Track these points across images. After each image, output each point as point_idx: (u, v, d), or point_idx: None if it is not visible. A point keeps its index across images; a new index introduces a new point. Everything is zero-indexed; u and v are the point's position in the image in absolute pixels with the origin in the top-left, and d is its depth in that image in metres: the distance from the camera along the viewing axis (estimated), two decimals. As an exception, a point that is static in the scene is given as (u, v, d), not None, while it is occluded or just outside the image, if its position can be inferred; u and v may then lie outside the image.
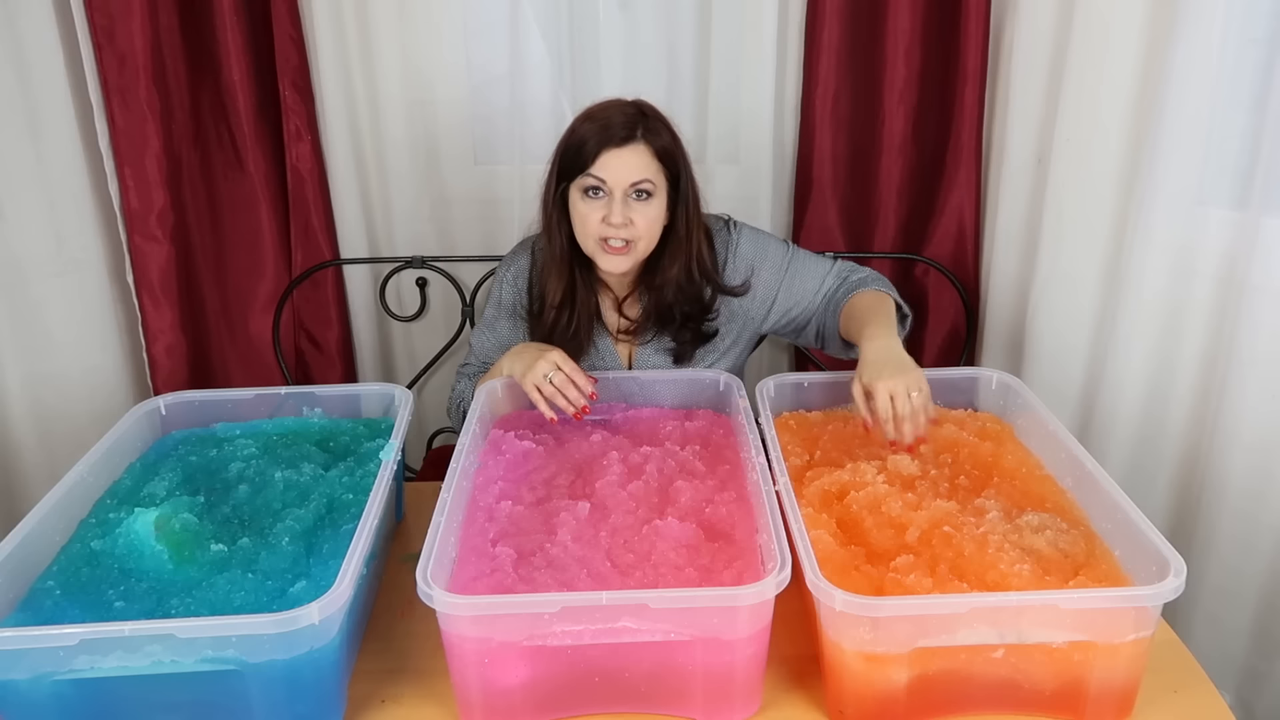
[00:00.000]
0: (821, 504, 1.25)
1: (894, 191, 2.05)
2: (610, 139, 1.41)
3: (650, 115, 1.46)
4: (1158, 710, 1.10)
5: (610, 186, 1.42)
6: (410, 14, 2.02)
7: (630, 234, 1.44)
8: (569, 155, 1.44)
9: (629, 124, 1.42)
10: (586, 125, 1.43)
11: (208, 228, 2.08)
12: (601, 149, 1.41)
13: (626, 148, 1.41)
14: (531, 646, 1.04)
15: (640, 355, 1.61)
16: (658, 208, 1.45)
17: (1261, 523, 1.62)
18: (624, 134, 1.41)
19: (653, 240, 1.48)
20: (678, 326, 1.57)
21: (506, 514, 1.24)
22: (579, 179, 1.43)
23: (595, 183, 1.42)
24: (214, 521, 1.25)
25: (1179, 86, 1.58)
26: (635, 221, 1.43)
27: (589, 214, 1.44)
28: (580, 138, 1.43)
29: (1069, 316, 1.87)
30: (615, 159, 1.41)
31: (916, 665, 1.04)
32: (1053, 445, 1.35)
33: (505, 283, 1.64)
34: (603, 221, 1.43)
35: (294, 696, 1.04)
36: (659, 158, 1.44)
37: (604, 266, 1.49)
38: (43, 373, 2.03)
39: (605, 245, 1.45)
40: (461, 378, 1.69)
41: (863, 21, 1.95)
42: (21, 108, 1.88)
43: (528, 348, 1.49)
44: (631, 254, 1.46)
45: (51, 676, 1.00)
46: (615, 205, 1.42)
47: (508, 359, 1.50)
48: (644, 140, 1.42)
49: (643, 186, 1.43)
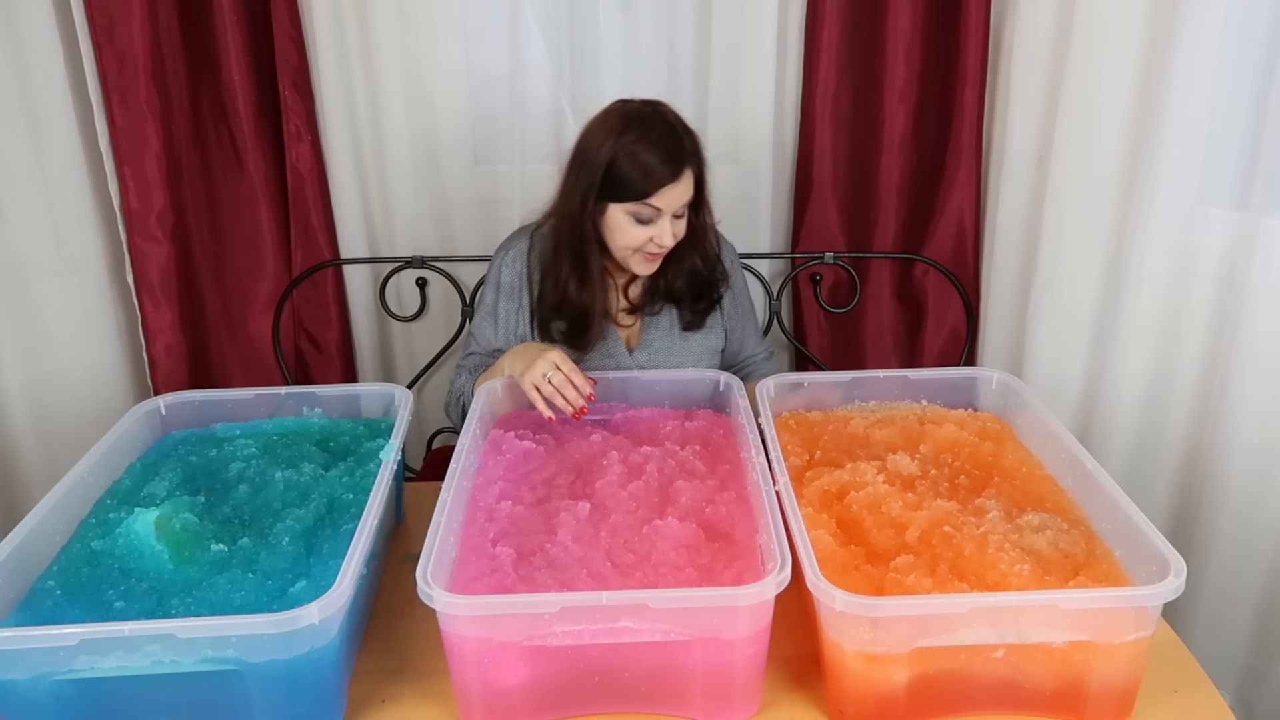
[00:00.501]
0: (821, 504, 1.25)
1: (894, 191, 2.05)
2: (667, 176, 1.45)
3: (686, 134, 1.49)
4: (1158, 710, 1.10)
5: (664, 213, 1.48)
6: (410, 14, 2.02)
7: (671, 244, 1.51)
8: (619, 181, 1.46)
9: (677, 154, 1.46)
10: (643, 155, 1.44)
11: (208, 228, 2.08)
12: (661, 185, 1.45)
13: (680, 180, 1.47)
14: (531, 646, 1.04)
15: (644, 341, 1.65)
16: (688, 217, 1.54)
17: (1261, 523, 1.62)
18: (675, 166, 1.46)
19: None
20: (691, 302, 1.65)
21: (506, 514, 1.24)
22: (631, 204, 1.47)
23: (650, 212, 1.47)
24: (214, 521, 1.25)
25: (1179, 86, 1.58)
26: (678, 234, 1.52)
27: (637, 234, 1.49)
28: (641, 168, 1.44)
29: (1069, 316, 1.87)
30: (670, 191, 1.46)
31: (916, 665, 1.04)
32: (1053, 445, 1.35)
33: (504, 265, 1.66)
34: (651, 240, 1.49)
35: (294, 696, 1.04)
36: (696, 177, 1.51)
37: (638, 271, 1.57)
38: (43, 372, 2.02)
39: (647, 256, 1.53)
40: (462, 371, 1.69)
41: (863, 21, 1.95)
42: (21, 108, 1.88)
43: (528, 347, 1.51)
44: (661, 259, 1.55)
45: (51, 676, 1.00)
46: (667, 228, 1.48)
47: (508, 359, 1.52)
48: (688, 165, 1.48)
49: (686, 204, 1.51)
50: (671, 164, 1.45)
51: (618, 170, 1.45)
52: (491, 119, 2.14)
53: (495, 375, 1.55)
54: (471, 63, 2.10)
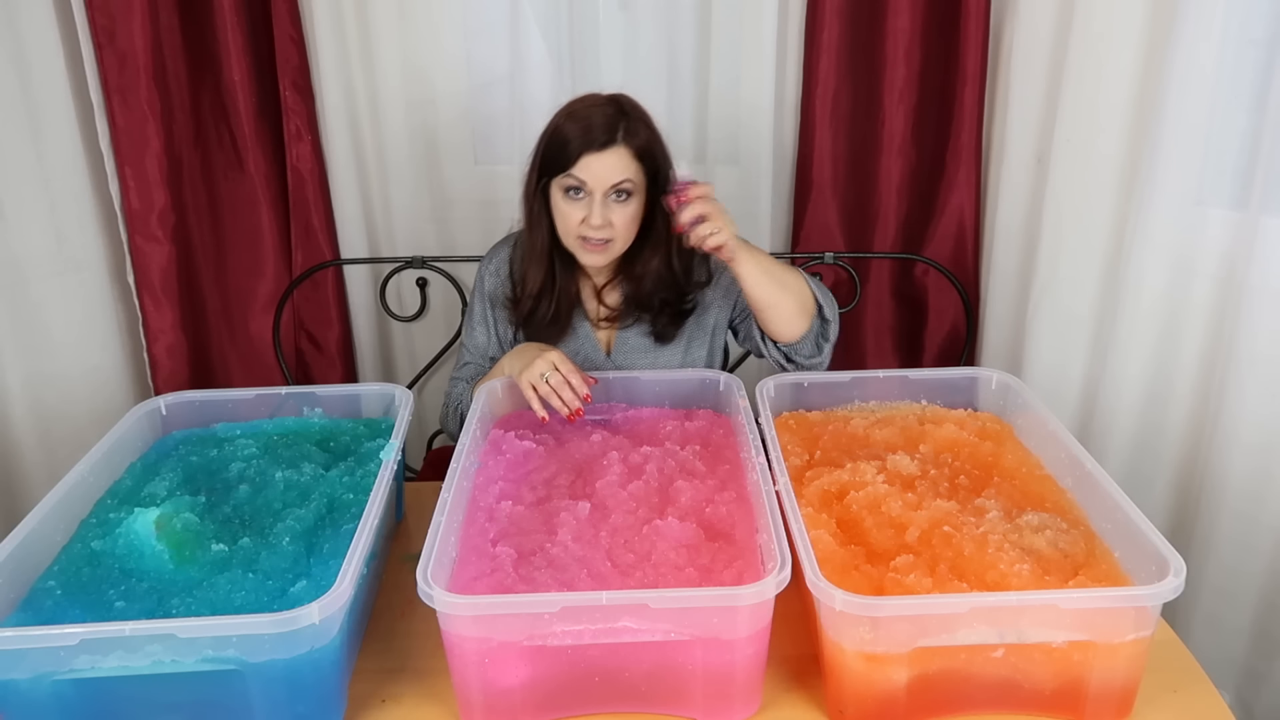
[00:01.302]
0: (821, 504, 1.25)
1: (894, 191, 2.05)
2: (591, 143, 1.42)
3: (631, 114, 1.47)
4: (1157, 710, 1.10)
5: (591, 188, 1.44)
6: (410, 14, 2.02)
7: (609, 234, 1.47)
8: (551, 153, 1.47)
9: (609, 126, 1.43)
10: (568, 125, 1.45)
11: (208, 228, 2.09)
12: (582, 152, 1.43)
13: (607, 151, 1.43)
14: (531, 646, 1.04)
15: (620, 340, 1.64)
16: (636, 206, 1.48)
17: (1261, 523, 1.62)
18: (604, 138, 1.43)
19: (630, 236, 1.51)
20: (656, 312, 1.60)
21: (506, 514, 1.24)
22: (560, 178, 1.46)
23: (576, 184, 1.45)
24: (215, 521, 1.25)
25: (1179, 87, 1.59)
26: (614, 222, 1.46)
27: (570, 213, 1.47)
28: (562, 138, 1.45)
29: (1069, 316, 1.87)
30: (596, 162, 1.43)
31: (916, 665, 1.04)
32: (1053, 445, 1.35)
33: (488, 274, 1.66)
34: (583, 222, 1.46)
35: (294, 696, 1.04)
36: (638, 158, 1.46)
37: (583, 262, 1.53)
38: (43, 373, 2.03)
39: (585, 243, 1.49)
40: (458, 382, 1.67)
41: (863, 21, 1.95)
42: (22, 108, 1.88)
43: (528, 347, 1.50)
44: (609, 251, 1.50)
45: (52, 676, 1.00)
46: (595, 207, 1.45)
47: (508, 359, 1.52)
48: (624, 142, 1.44)
49: (622, 187, 1.45)
50: (598, 134, 1.42)
51: (550, 141, 1.47)
52: (491, 119, 2.14)
53: (495, 376, 1.55)
54: (471, 63, 2.10)
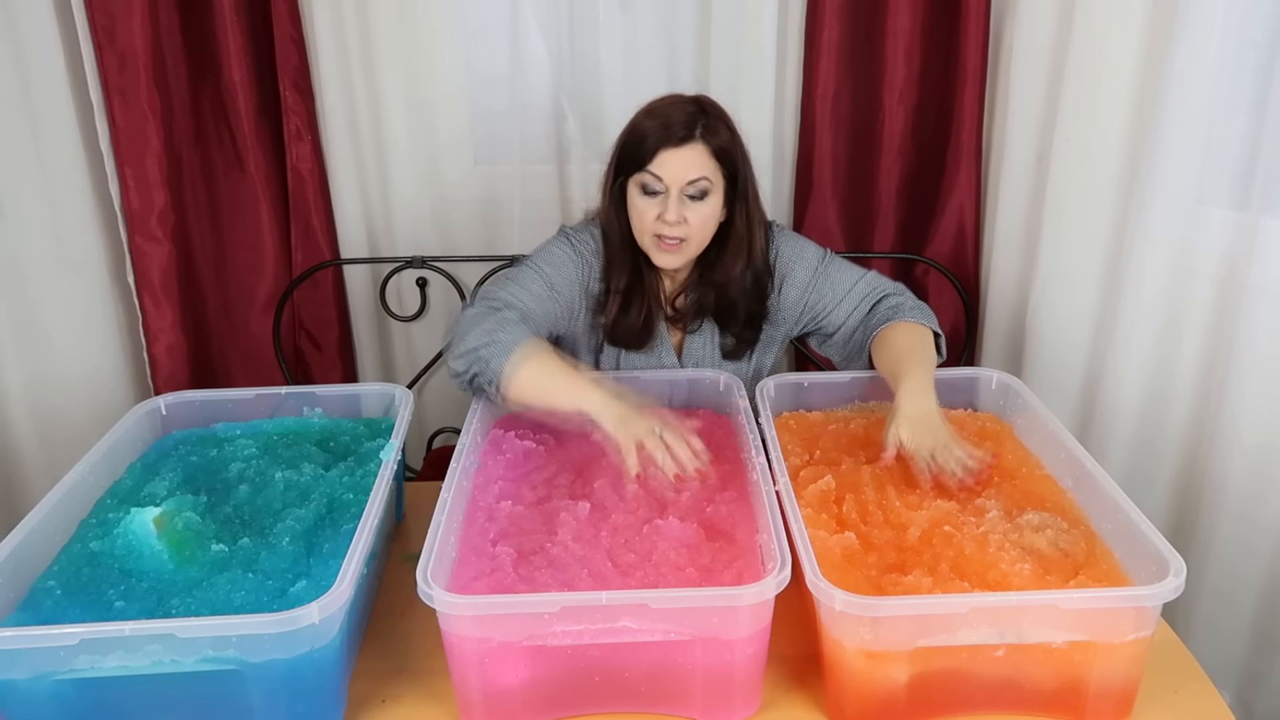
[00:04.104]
0: (821, 504, 1.25)
1: (894, 191, 2.05)
2: (668, 138, 1.40)
3: (711, 113, 1.45)
4: (1158, 710, 1.10)
5: (667, 184, 1.42)
6: (410, 14, 2.02)
7: (684, 232, 1.44)
8: (628, 150, 1.45)
9: (688, 123, 1.41)
10: (647, 122, 1.43)
11: (208, 228, 2.09)
12: (660, 148, 1.41)
13: (684, 147, 1.41)
14: (531, 646, 1.04)
15: (689, 344, 1.61)
16: (713, 206, 1.45)
17: (1261, 524, 1.62)
18: (682, 134, 1.41)
19: (705, 238, 1.48)
20: (741, 325, 1.57)
21: (506, 514, 1.25)
22: (637, 175, 1.44)
23: (652, 181, 1.43)
24: (214, 521, 1.25)
25: (1179, 87, 1.58)
26: (689, 220, 1.43)
27: (645, 210, 1.44)
28: (640, 134, 1.43)
29: (1069, 316, 1.87)
30: (672, 158, 1.41)
31: (917, 665, 1.04)
32: (1053, 445, 1.35)
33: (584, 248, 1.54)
34: (658, 219, 1.44)
35: (294, 696, 1.04)
36: (716, 157, 1.43)
37: (657, 262, 1.49)
38: (43, 373, 2.02)
39: (660, 242, 1.45)
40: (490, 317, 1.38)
41: (863, 21, 1.95)
42: (22, 108, 1.88)
43: (621, 398, 1.29)
44: (684, 252, 1.46)
45: (52, 676, 1.00)
46: (671, 203, 1.42)
47: (602, 402, 1.27)
48: (702, 140, 1.41)
49: (699, 185, 1.42)
50: (677, 130, 1.40)
51: (628, 138, 1.45)
52: (491, 119, 2.14)
53: (567, 402, 1.29)
54: (471, 63, 2.10)
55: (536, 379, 1.32)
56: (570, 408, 1.29)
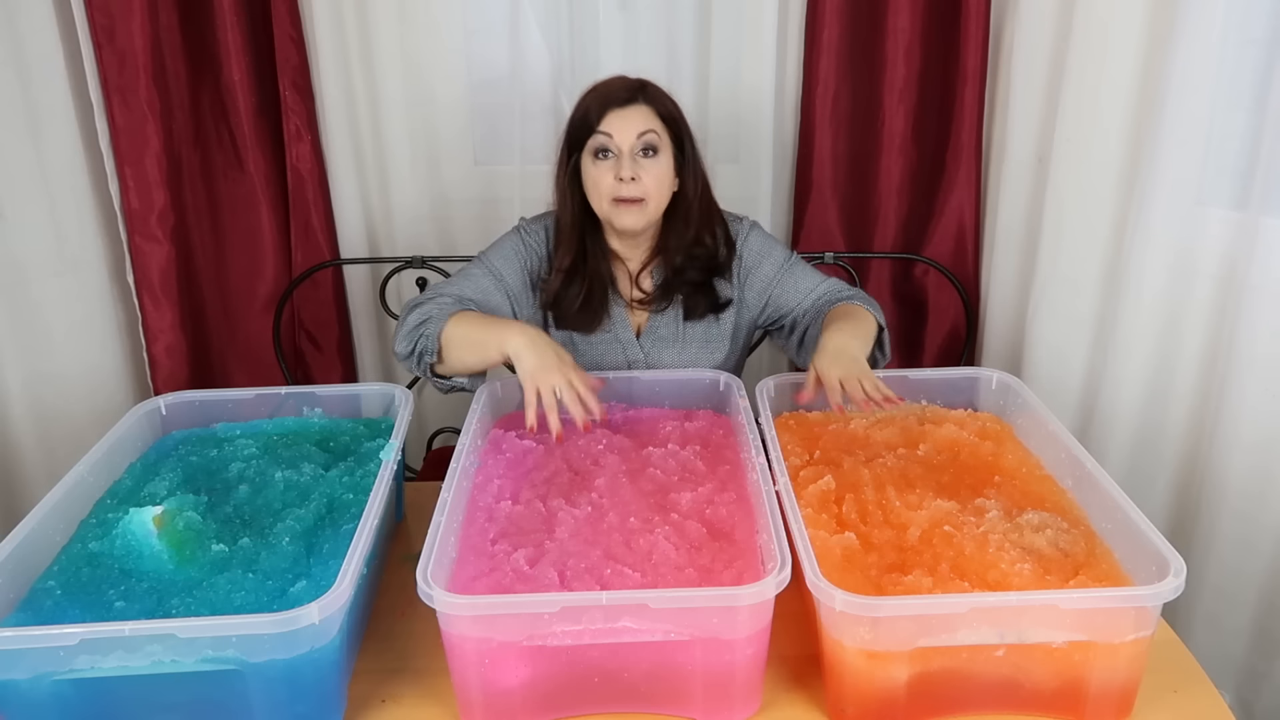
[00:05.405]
0: (821, 504, 1.25)
1: (894, 191, 2.05)
2: (613, 100, 1.48)
3: (651, 87, 1.53)
4: (1158, 710, 1.10)
5: (618, 143, 1.47)
6: (410, 14, 2.02)
7: (639, 190, 1.48)
8: (575, 126, 1.52)
9: (630, 88, 1.50)
10: (590, 96, 1.51)
11: (208, 228, 2.09)
12: (606, 110, 1.48)
13: (629, 107, 1.48)
14: (531, 646, 1.04)
15: (652, 323, 1.63)
16: (664, 165, 1.50)
17: (1261, 523, 1.62)
18: (626, 95, 1.49)
19: (663, 199, 1.52)
20: (690, 289, 1.60)
21: (506, 513, 1.24)
22: (589, 142, 1.49)
23: (604, 142, 1.48)
24: (215, 521, 1.25)
25: (1179, 86, 1.58)
26: (643, 178, 1.48)
27: (601, 176, 1.49)
28: (584, 106, 1.51)
29: (1069, 316, 1.87)
30: (619, 117, 1.48)
31: (917, 665, 1.04)
32: (1053, 445, 1.35)
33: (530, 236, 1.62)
34: (615, 179, 1.47)
35: (294, 696, 1.04)
36: (661, 118, 1.50)
37: (619, 224, 1.51)
38: (43, 372, 2.02)
39: (619, 205, 1.49)
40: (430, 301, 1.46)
41: (863, 21, 1.95)
42: (21, 108, 1.88)
43: (550, 347, 1.36)
44: (644, 212, 1.50)
45: (52, 676, 1.00)
46: (625, 160, 1.47)
47: (524, 342, 1.34)
48: (645, 102, 1.50)
49: (648, 140, 1.48)
50: (619, 93, 1.48)
51: (574, 117, 1.52)
52: (491, 119, 2.14)
53: (495, 348, 1.37)
54: (471, 63, 2.10)
55: (466, 331, 1.40)
56: (497, 353, 1.37)
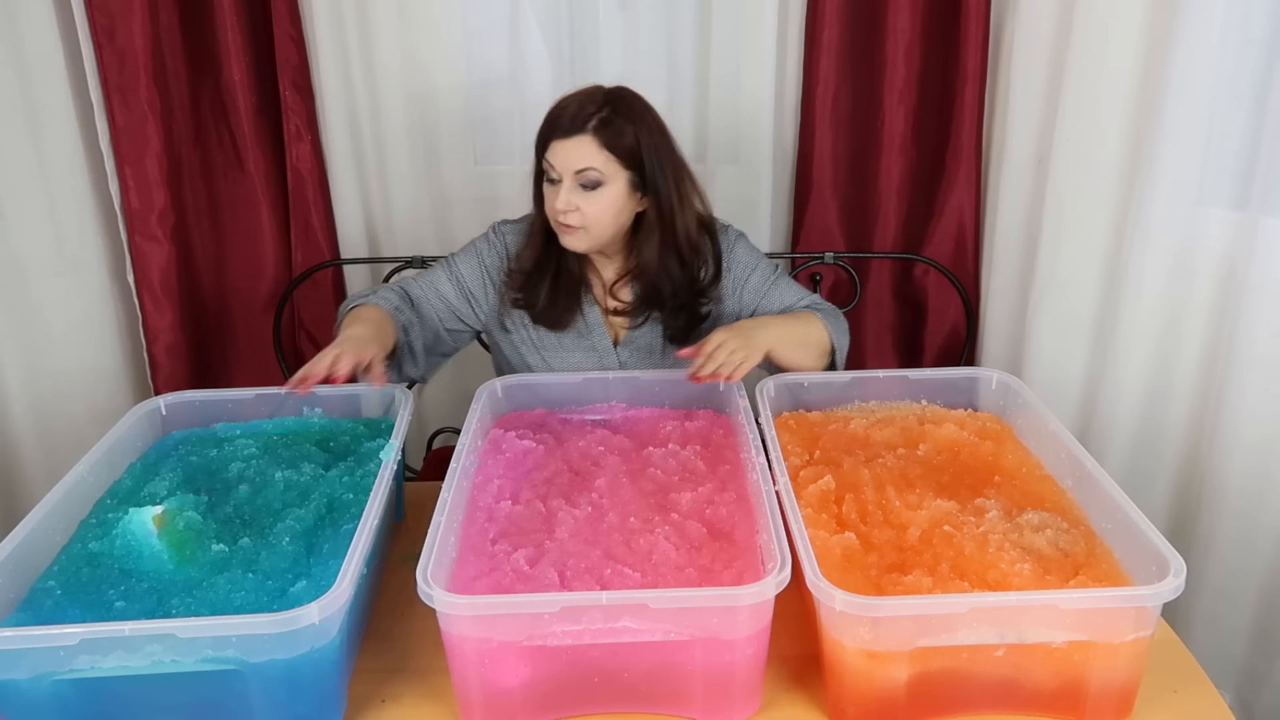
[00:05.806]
0: (821, 504, 1.25)
1: (894, 191, 2.05)
2: (556, 130, 1.45)
3: (615, 106, 1.46)
4: (1158, 710, 1.10)
5: (559, 172, 1.46)
6: (410, 14, 2.02)
7: (577, 220, 1.47)
8: (538, 138, 1.50)
9: (579, 115, 1.44)
10: (548, 114, 1.48)
11: (208, 228, 2.09)
12: (549, 139, 1.46)
13: (570, 139, 1.44)
14: (531, 646, 1.04)
15: (630, 337, 1.63)
16: (609, 197, 1.47)
17: (1261, 523, 1.62)
18: (569, 125, 1.44)
19: (605, 227, 1.50)
20: (669, 311, 1.60)
21: (506, 513, 1.24)
22: (542, 161, 1.49)
23: (548, 168, 1.47)
24: (215, 521, 1.25)
25: (1179, 86, 1.59)
26: (582, 209, 1.46)
27: (549, 195, 1.49)
28: (543, 123, 1.48)
29: (1069, 316, 1.87)
30: (561, 148, 1.45)
31: (917, 665, 1.04)
32: (1053, 445, 1.35)
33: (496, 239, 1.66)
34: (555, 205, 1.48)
35: (294, 696, 1.04)
36: (609, 148, 1.44)
37: (562, 244, 1.53)
38: (43, 372, 2.02)
39: (560, 226, 1.49)
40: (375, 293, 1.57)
41: (863, 21, 1.95)
42: (21, 108, 1.88)
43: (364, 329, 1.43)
44: (583, 238, 1.50)
45: (52, 676, 1.00)
46: (561, 191, 1.46)
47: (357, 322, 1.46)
48: (591, 133, 1.44)
49: (588, 176, 1.45)
50: (563, 122, 1.44)
51: (540, 126, 1.50)
52: (491, 119, 2.14)
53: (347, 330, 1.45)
54: (471, 62, 2.10)
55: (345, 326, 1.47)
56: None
